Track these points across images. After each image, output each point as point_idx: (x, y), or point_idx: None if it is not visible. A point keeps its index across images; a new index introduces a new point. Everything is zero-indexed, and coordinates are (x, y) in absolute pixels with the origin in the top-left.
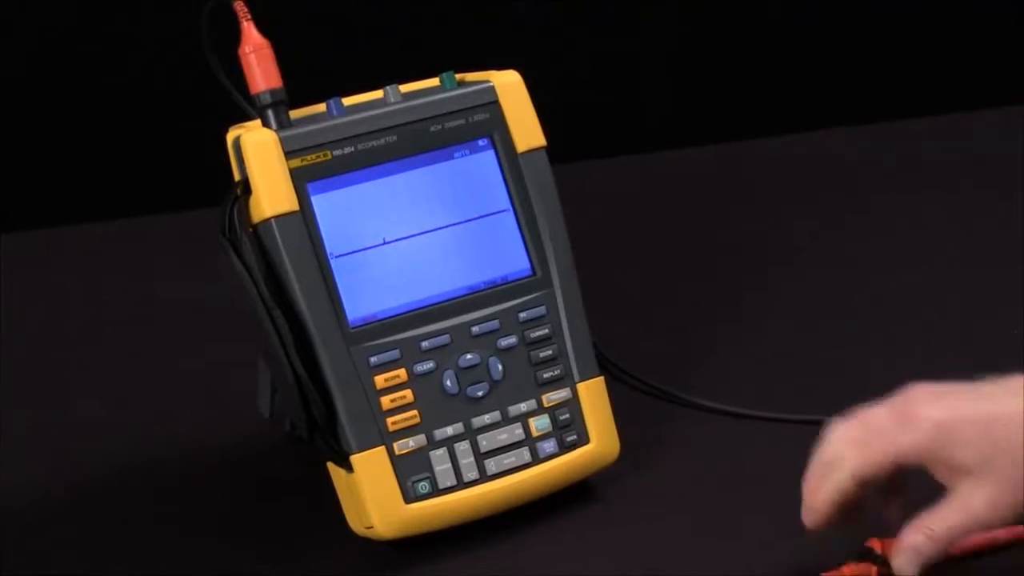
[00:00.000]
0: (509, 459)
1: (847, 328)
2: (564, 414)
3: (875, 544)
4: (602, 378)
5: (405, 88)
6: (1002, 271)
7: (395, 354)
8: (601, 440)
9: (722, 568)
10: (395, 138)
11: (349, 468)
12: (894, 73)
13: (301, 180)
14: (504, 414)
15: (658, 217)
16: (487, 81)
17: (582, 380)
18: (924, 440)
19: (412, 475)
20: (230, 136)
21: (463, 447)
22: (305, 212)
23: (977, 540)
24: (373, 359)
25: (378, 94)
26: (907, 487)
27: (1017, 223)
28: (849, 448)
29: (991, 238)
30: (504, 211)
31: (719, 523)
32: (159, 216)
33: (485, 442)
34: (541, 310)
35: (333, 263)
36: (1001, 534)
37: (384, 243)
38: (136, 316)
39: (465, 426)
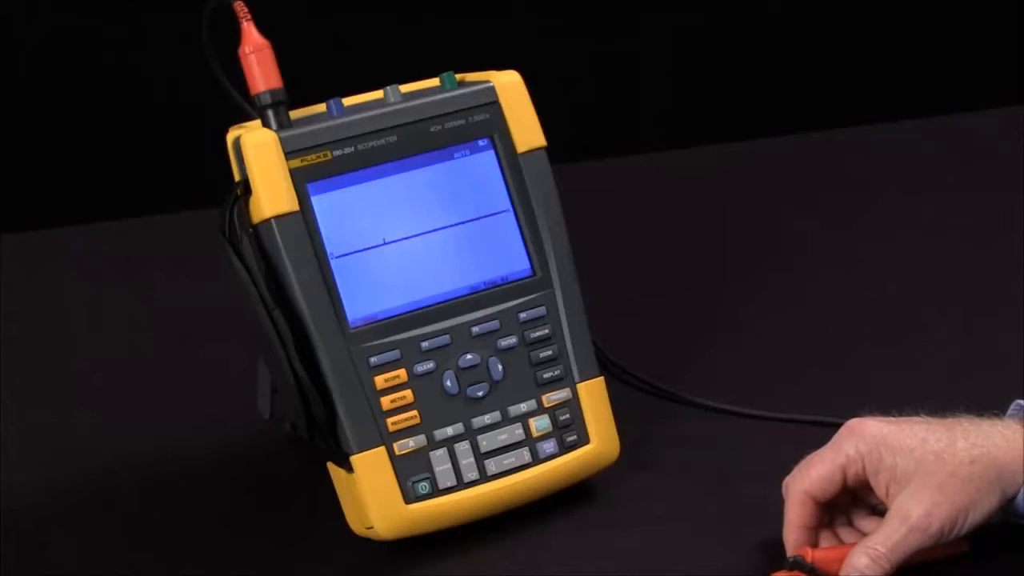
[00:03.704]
0: (509, 459)
1: (847, 328)
2: (564, 414)
3: (806, 553)
4: (602, 378)
5: (405, 88)
6: (1002, 271)
7: (395, 354)
8: (601, 440)
9: (722, 568)
10: (395, 138)
11: (349, 468)
12: (894, 73)
13: (301, 180)
14: (504, 414)
15: (658, 217)
16: (487, 81)
17: (582, 380)
18: (865, 448)
19: (412, 475)
20: (230, 136)
21: (463, 447)
22: (305, 212)
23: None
24: (373, 359)
25: (378, 94)
26: (869, 504)
27: (1017, 223)
28: (799, 470)
29: (991, 238)
30: (504, 211)
31: (719, 523)
32: (159, 216)
33: (485, 442)
34: (541, 310)
35: (333, 263)
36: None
37: (384, 243)
38: (136, 316)
39: (465, 426)
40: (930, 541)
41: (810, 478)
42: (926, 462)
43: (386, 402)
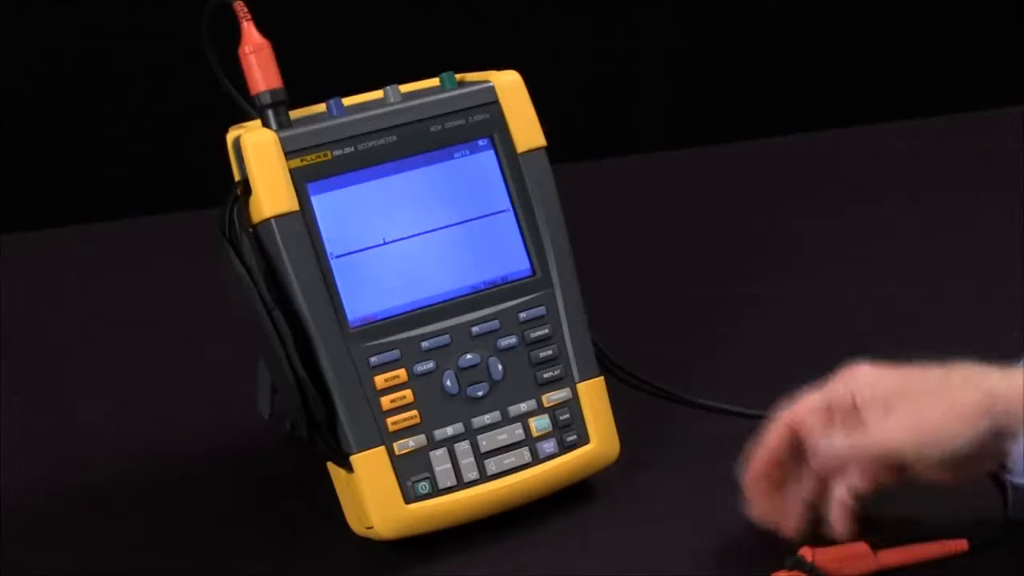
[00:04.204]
0: (509, 459)
1: (847, 328)
2: (564, 414)
3: (806, 553)
4: (602, 378)
5: (405, 88)
6: (1002, 271)
7: (395, 354)
8: (601, 440)
9: (722, 568)
10: (395, 138)
11: (349, 468)
12: (894, 73)
13: (301, 180)
14: (504, 414)
15: (658, 217)
16: (487, 81)
17: (582, 380)
18: (856, 385)
19: (412, 475)
20: (230, 136)
21: (463, 447)
22: (305, 212)
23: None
24: (373, 359)
25: (378, 94)
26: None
27: (1017, 223)
28: (783, 411)
29: (991, 238)
30: (504, 211)
31: (719, 523)
32: (159, 216)
33: (485, 442)
34: (541, 310)
35: (333, 263)
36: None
37: (384, 243)
38: (136, 316)
39: (465, 426)
40: (909, 451)
41: (795, 408)
42: (915, 390)
43: (386, 402)
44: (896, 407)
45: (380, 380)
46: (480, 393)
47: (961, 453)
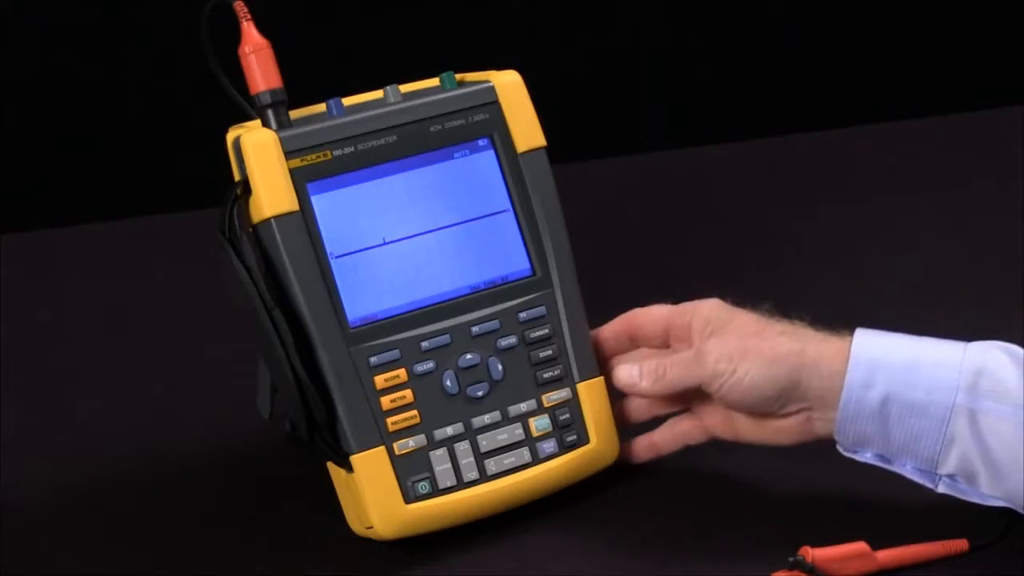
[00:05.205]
0: (509, 459)
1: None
2: (564, 414)
3: (806, 553)
4: (602, 378)
5: (405, 88)
6: (1002, 271)
7: (395, 354)
8: (601, 440)
9: (722, 568)
10: (395, 138)
11: (349, 468)
12: (894, 73)
13: (301, 180)
14: (504, 414)
15: (658, 217)
16: (487, 81)
17: (582, 380)
18: (695, 309)
19: (412, 475)
20: (230, 136)
21: (463, 447)
22: (305, 212)
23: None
24: (373, 359)
25: (378, 94)
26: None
27: (1017, 223)
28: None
29: (991, 238)
30: (504, 211)
31: (719, 523)
32: (159, 216)
33: (485, 442)
34: (541, 310)
35: (333, 263)
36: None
37: (384, 243)
38: (136, 316)
39: (465, 426)
40: (704, 374)
41: (642, 309)
42: (742, 328)
43: (386, 402)
44: (719, 334)
45: (380, 380)
46: (480, 393)
47: (759, 385)
